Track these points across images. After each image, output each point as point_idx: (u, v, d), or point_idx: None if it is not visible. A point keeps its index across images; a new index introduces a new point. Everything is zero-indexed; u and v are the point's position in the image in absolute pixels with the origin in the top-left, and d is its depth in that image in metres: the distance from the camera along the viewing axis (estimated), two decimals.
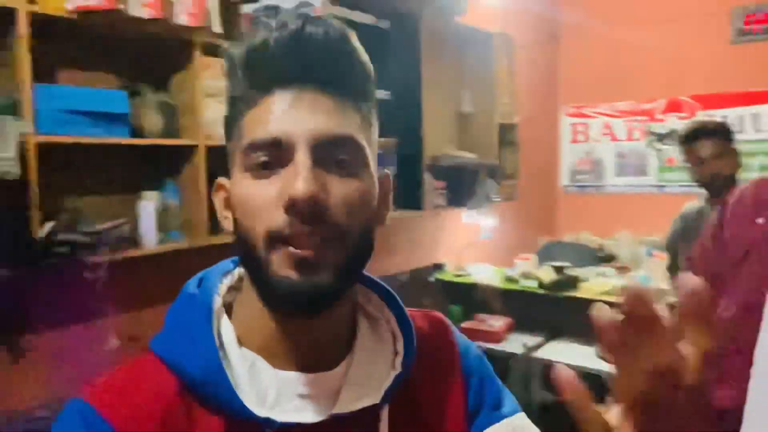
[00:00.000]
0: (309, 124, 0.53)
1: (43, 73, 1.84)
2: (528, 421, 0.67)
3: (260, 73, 0.55)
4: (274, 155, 0.53)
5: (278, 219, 0.52)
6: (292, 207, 0.51)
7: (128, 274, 2.07)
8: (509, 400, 0.68)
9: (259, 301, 0.56)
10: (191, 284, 0.62)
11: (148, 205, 2.07)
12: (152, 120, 2.12)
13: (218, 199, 0.61)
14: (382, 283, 0.66)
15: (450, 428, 0.64)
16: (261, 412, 0.54)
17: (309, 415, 0.56)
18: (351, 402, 0.57)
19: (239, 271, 0.63)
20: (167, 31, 2.00)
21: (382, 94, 3.10)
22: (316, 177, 0.52)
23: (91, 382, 0.57)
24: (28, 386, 1.88)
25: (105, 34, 1.97)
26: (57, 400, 1.80)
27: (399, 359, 0.62)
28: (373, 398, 0.58)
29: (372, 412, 0.58)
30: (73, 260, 1.81)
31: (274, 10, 2.29)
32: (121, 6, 1.75)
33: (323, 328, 0.58)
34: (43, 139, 1.72)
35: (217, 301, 0.59)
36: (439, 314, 0.72)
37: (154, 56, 2.18)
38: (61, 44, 1.93)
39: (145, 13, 1.84)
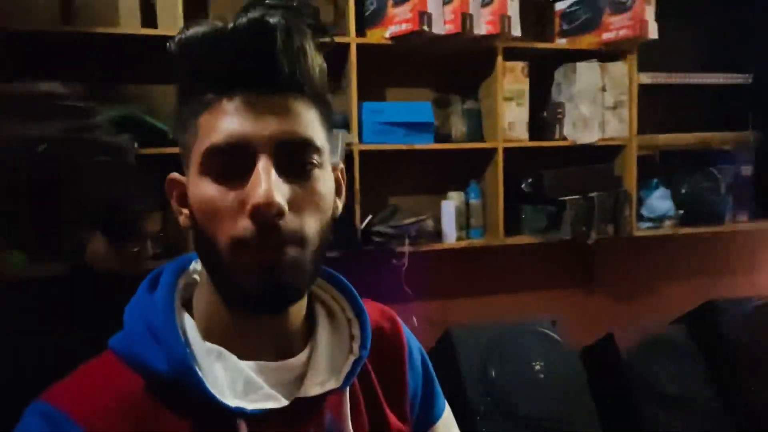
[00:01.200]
0: (270, 128, 0.52)
1: (372, 93, 2.24)
2: (450, 412, 0.76)
3: (216, 73, 0.53)
4: (235, 160, 0.52)
5: (243, 226, 0.52)
6: (257, 215, 0.51)
7: (431, 264, 2.32)
8: (441, 395, 0.76)
9: (221, 299, 0.57)
10: (147, 284, 0.61)
11: (450, 204, 2.27)
12: (458, 126, 2.32)
13: (172, 197, 0.60)
14: (335, 272, 0.69)
15: (397, 414, 0.67)
16: (232, 402, 0.54)
17: (276, 401, 0.57)
18: (315, 386, 0.59)
19: (193, 267, 0.64)
20: (469, 43, 2.16)
21: (738, 78, 2.61)
22: (278, 184, 0.52)
23: (51, 387, 0.56)
24: None
25: (417, 53, 2.25)
26: None
27: (356, 344, 0.64)
28: (335, 382, 0.60)
29: (334, 395, 0.61)
30: (385, 249, 2.14)
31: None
32: (425, 27, 1.97)
33: (284, 321, 0.60)
34: (364, 147, 2.09)
35: (178, 299, 0.59)
36: (390, 309, 0.74)
37: (461, 67, 2.37)
38: (385, 67, 2.29)
39: (446, 29, 2.03)
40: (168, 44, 0.55)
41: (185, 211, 0.58)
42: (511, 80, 2.24)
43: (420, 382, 0.73)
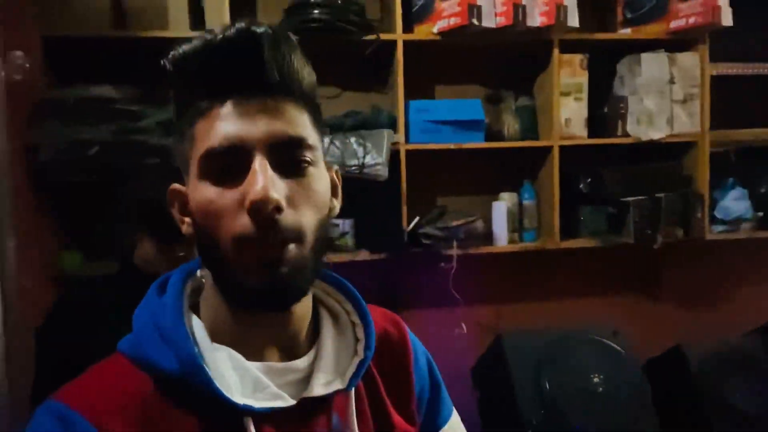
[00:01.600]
0: (263, 128, 0.55)
1: (420, 91, 2.17)
2: (458, 417, 0.77)
3: (208, 81, 0.56)
4: (232, 161, 0.55)
5: (243, 223, 0.54)
6: (255, 211, 0.53)
7: (481, 267, 2.22)
8: (448, 400, 0.76)
9: (227, 301, 0.59)
10: (156, 288, 0.63)
11: (501, 205, 2.17)
12: (511, 124, 2.21)
13: (174, 207, 0.62)
14: (338, 276, 0.70)
15: (403, 417, 0.68)
16: (240, 400, 0.56)
17: (283, 400, 0.58)
18: (320, 387, 0.60)
19: (200, 272, 0.65)
20: (522, 36, 2.05)
21: None
22: (274, 180, 0.54)
23: (62, 387, 0.57)
24: None
25: (466, 48, 2.17)
26: None
27: (361, 345, 0.65)
28: (340, 383, 0.62)
29: (340, 396, 0.62)
30: (433, 251, 2.07)
31: None
32: (475, 20, 1.89)
33: (289, 322, 0.61)
34: (411, 147, 2.03)
35: (186, 302, 0.61)
36: (395, 314, 0.75)
37: (514, 61, 2.26)
38: (433, 64, 2.22)
39: (496, 22, 1.94)
40: (162, 61, 0.58)
41: (187, 219, 0.60)
42: (568, 74, 2.12)
43: (426, 386, 0.73)
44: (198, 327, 0.59)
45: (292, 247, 0.54)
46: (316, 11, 1.90)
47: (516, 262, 2.27)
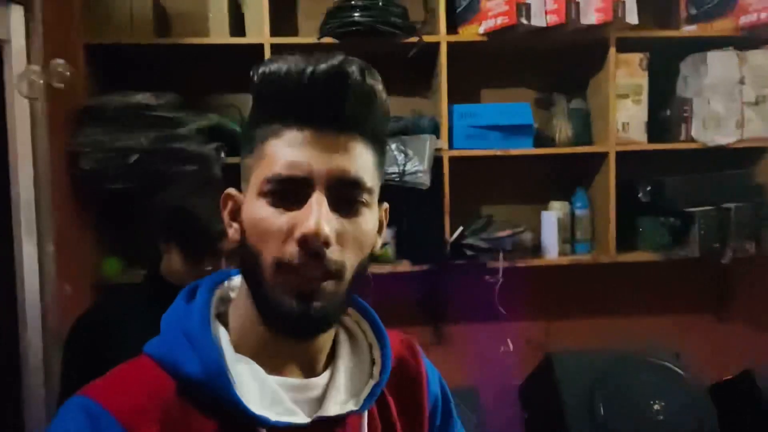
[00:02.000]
0: (329, 165, 0.56)
1: (466, 95, 2.08)
2: None
3: (291, 107, 0.57)
4: (294, 189, 0.57)
5: (288, 250, 0.56)
6: (304, 242, 0.55)
7: (530, 281, 2.10)
8: (459, 424, 0.77)
9: (256, 315, 0.60)
10: (185, 294, 0.65)
11: (551, 215, 2.04)
12: (562, 128, 2.09)
13: (226, 210, 0.64)
14: (359, 298, 0.70)
15: None
16: (257, 410, 0.57)
17: (298, 416, 0.60)
18: (335, 406, 0.61)
19: (229, 284, 0.67)
20: (576, 34, 1.92)
21: None
22: (329, 217, 0.56)
23: (89, 384, 0.59)
24: (446, 366, 2.15)
25: (514, 49, 2.06)
26: (464, 384, 1.99)
27: (376, 368, 0.66)
28: (354, 404, 0.63)
29: (353, 417, 0.63)
30: (477, 263, 1.96)
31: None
32: (523, 20, 1.78)
33: (312, 344, 0.63)
34: (454, 153, 1.93)
35: (212, 311, 0.63)
36: (411, 339, 0.76)
37: (566, 62, 2.13)
38: (479, 67, 2.12)
39: (547, 20, 1.82)
40: (251, 72, 0.59)
41: (235, 225, 0.62)
42: (626, 74, 1.98)
43: (438, 413, 0.74)
44: (223, 336, 0.61)
45: (330, 283, 0.57)
46: (356, 14, 1.84)
47: (567, 276, 2.13)
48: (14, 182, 1.54)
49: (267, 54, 1.85)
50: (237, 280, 0.67)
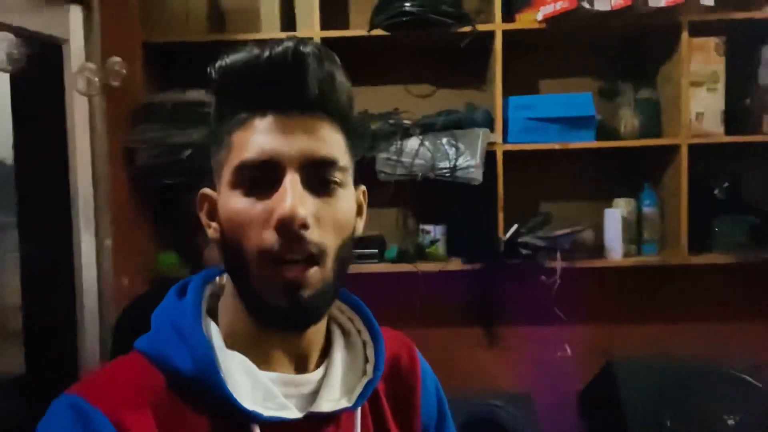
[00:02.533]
0: (298, 146, 0.56)
1: (523, 86, 1.98)
2: None
3: (251, 94, 0.57)
4: (264, 175, 0.56)
5: (268, 238, 0.55)
6: (282, 226, 0.54)
7: (590, 283, 1.98)
8: (453, 428, 0.76)
9: (245, 310, 0.59)
10: (176, 290, 0.64)
11: (615, 212, 1.91)
12: (629, 120, 1.95)
13: (203, 210, 0.63)
14: (352, 294, 0.70)
15: None
16: (249, 406, 0.57)
17: (290, 412, 0.59)
18: (328, 403, 0.61)
19: (220, 280, 0.67)
20: (644, 18, 1.79)
21: None
22: (304, 198, 0.55)
23: (78, 381, 0.58)
24: (498, 370, 2.08)
25: (576, 36, 1.94)
26: (518, 390, 1.91)
27: (370, 365, 0.66)
28: (347, 401, 0.62)
29: (346, 414, 0.63)
30: (533, 263, 1.86)
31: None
32: (585, 4, 1.67)
33: (303, 338, 0.62)
34: (509, 147, 1.84)
35: (203, 307, 0.62)
36: (407, 338, 0.75)
37: (633, 49, 1.99)
38: (537, 56, 2.02)
39: (612, 3, 1.70)
40: (209, 69, 0.59)
41: (214, 224, 0.61)
42: (701, 61, 1.82)
43: (434, 415, 0.73)
44: (214, 331, 0.61)
45: (314, 270, 0.56)
46: (407, 4, 1.79)
47: (633, 279, 2.00)
48: (73, 178, 1.60)
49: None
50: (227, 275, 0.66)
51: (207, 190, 0.63)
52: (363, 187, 0.66)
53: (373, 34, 1.84)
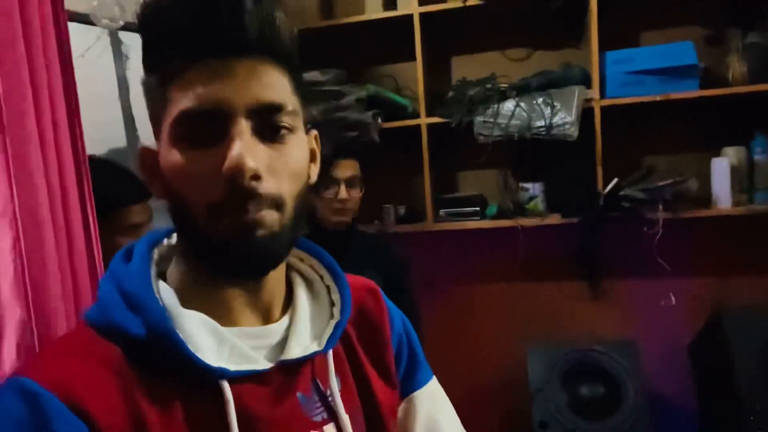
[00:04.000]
0: (243, 92, 0.52)
1: (624, 40, 1.99)
2: (439, 385, 0.73)
3: (186, 38, 0.52)
4: (209, 125, 0.52)
5: (218, 191, 0.51)
6: (232, 179, 0.51)
7: (697, 233, 1.97)
8: (426, 366, 0.73)
9: (200, 267, 0.57)
10: (121, 256, 0.60)
11: (723, 162, 1.89)
12: (736, 66, 1.89)
13: (144, 167, 0.59)
14: (310, 242, 0.67)
15: (383, 379, 0.67)
16: (214, 362, 0.54)
17: (259, 364, 0.57)
18: (297, 350, 0.59)
19: (168, 241, 0.63)
20: None
21: None
22: (254, 147, 0.52)
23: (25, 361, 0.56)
24: (602, 322, 2.14)
25: None
26: (617, 340, 1.97)
27: (336, 309, 0.64)
28: (318, 345, 0.61)
29: (318, 358, 0.61)
30: (634, 215, 1.90)
31: None
32: None
33: (263, 288, 0.60)
34: (607, 102, 1.88)
35: (153, 270, 0.59)
36: (371, 282, 0.72)
37: None
38: (637, 9, 2.01)
39: None
40: (135, 12, 0.55)
41: (156, 181, 0.58)
42: None
43: (404, 347, 0.71)
44: (167, 293, 0.57)
45: (268, 213, 0.53)
46: None
47: (742, 228, 1.96)
48: None
49: (416, 25, 1.98)
50: (175, 237, 0.63)
51: (147, 145, 0.58)
52: (315, 132, 0.63)
53: (468, 4, 1.95)
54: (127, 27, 1.33)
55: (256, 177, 0.51)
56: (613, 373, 1.88)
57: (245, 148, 0.51)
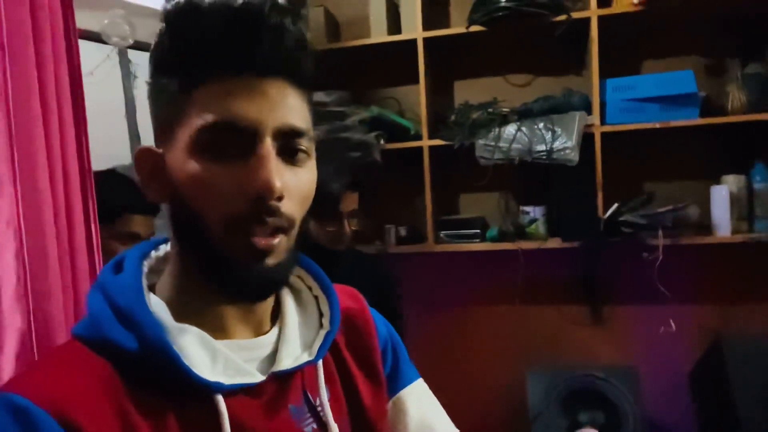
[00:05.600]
0: (274, 113, 0.52)
1: (624, 68, 2.02)
2: (425, 385, 0.74)
3: (226, 51, 0.51)
4: (235, 140, 0.52)
5: (239, 206, 0.52)
6: (259, 199, 0.51)
7: (697, 260, 1.98)
8: (410, 366, 0.74)
9: (200, 281, 0.56)
10: (110, 268, 0.59)
11: (722, 189, 1.90)
12: (736, 96, 1.92)
13: (144, 167, 0.57)
14: (300, 253, 0.65)
15: (371, 381, 0.68)
16: (209, 377, 0.54)
17: (253, 376, 0.57)
18: (288, 361, 0.60)
19: (156, 254, 0.63)
20: None
21: None
22: (280, 169, 0.53)
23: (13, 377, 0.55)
24: (602, 347, 2.13)
25: (677, 15, 1.94)
26: (617, 366, 1.96)
27: (326, 319, 0.65)
28: (308, 355, 0.61)
29: (309, 368, 0.62)
30: (635, 241, 1.91)
31: None
32: None
33: (259, 303, 0.60)
34: (607, 128, 1.90)
35: (144, 282, 0.58)
36: (353, 289, 0.74)
37: (740, 24, 1.95)
38: (638, 37, 2.04)
39: None
40: (163, 6, 0.53)
41: (155, 185, 0.57)
42: None
43: (389, 349, 0.72)
44: (159, 306, 0.56)
45: (282, 238, 0.54)
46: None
47: (743, 256, 1.96)
48: None
49: (420, 49, 2.02)
50: (164, 249, 0.63)
51: (150, 148, 0.57)
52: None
53: (471, 30, 1.99)
54: (136, 45, 1.36)
55: (281, 198, 0.52)
56: (613, 400, 1.86)
57: (275, 169, 0.52)
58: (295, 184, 0.54)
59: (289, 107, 0.54)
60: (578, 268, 2.09)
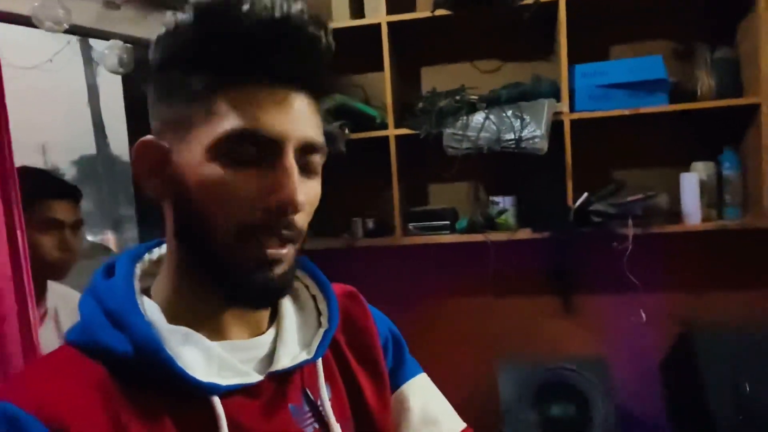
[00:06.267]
0: (299, 126, 0.53)
1: (593, 53, 1.97)
2: (429, 379, 0.74)
3: (258, 55, 0.50)
4: (258, 148, 0.52)
5: (255, 215, 0.52)
6: (281, 208, 0.51)
7: (667, 249, 1.96)
8: (412, 360, 0.74)
9: (197, 285, 0.56)
10: (102, 273, 0.58)
11: (692, 177, 1.88)
12: (705, 81, 1.89)
13: (145, 160, 0.56)
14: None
15: (374, 378, 0.67)
16: (204, 378, 0.53)
17: (250, 377, 0.56)
18: (286, 360, 0.59)
19: (150, 257, 0.62)
20: None
21: None
22: (301, 182, 0.53)
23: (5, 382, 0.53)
24: (572, 338, 2.11)
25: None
26: (588, 357, 1.94)
27: (324, 318, 0.64)
28: (307, 353, 0.60)
29: (308, 367, 0.61)
30: (604, 230, 1.88)
31: None
32: None
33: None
34: (576, 116, 1.85)
35: (137, 285, 0.57)
36: (351, 287, 0.73)
37: (709, 7, 1.92)
38: (607, 22, 2.00)
39: None
40: (187, 5, 0.52)
41: (156, 180, 0.56)
42: None
43: (390, 345, 0.72)
44: (153, 309, 0.56)
45: (291, 248, 0.54)
46: None
47: (711, 243, 1.95)
48: None
49: (384, 33, 1.94)
50: (158, 252, 0.62)
51: (154, 140, 0.55)
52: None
53: (437, 14, 1.91)
54: (71, 30, 1.25)
55: (299, 211, 0.53)
56: (583, 392, 1.84)
57: (298, 182, 0.52)
58: (309, 197, 0.55)
59: (310, 123, 0.54)
60: (548, 258, 2.06)
